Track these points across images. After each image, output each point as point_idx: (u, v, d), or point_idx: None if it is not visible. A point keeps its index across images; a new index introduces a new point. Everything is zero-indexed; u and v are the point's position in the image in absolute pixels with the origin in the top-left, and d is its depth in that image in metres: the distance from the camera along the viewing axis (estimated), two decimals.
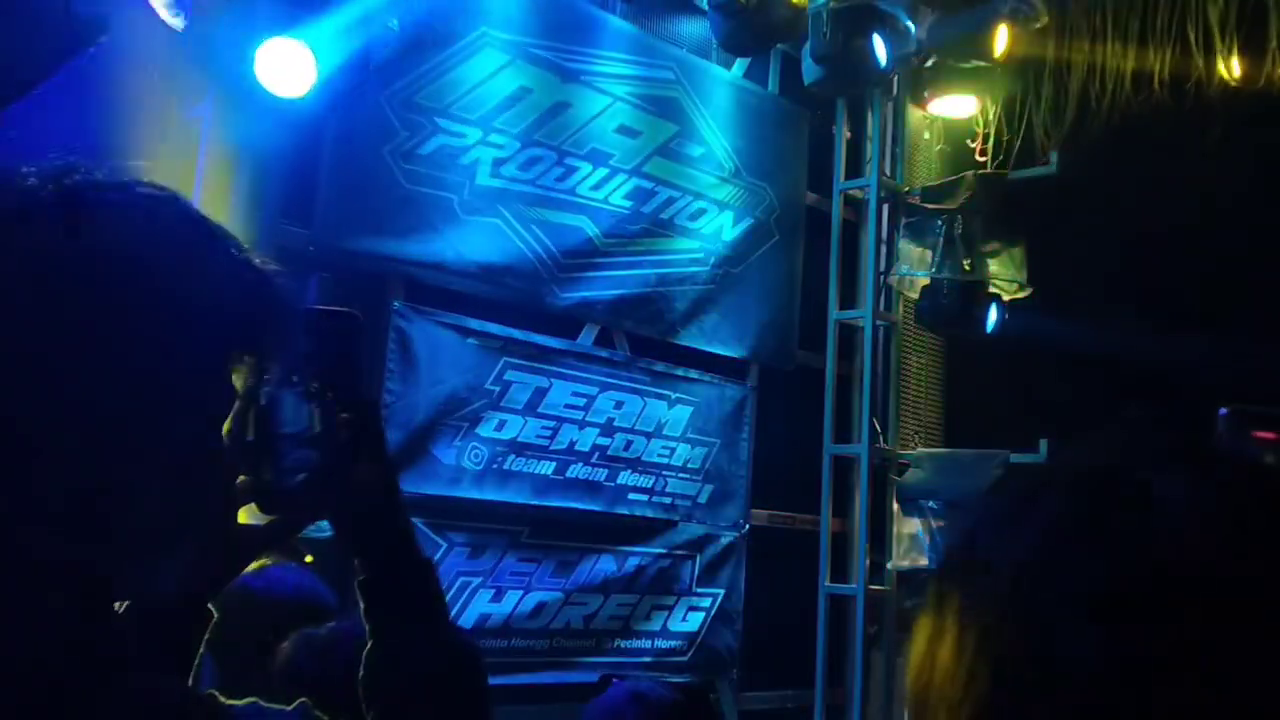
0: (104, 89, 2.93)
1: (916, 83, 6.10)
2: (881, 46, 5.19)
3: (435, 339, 4.41)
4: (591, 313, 4.96)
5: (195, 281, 0.90)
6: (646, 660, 5.03)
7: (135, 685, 0.84)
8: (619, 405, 5.00)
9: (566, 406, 4.81)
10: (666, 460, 5.17)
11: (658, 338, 5.21)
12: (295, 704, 0.94)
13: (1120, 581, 0.60)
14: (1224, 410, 3.15)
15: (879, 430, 5.97)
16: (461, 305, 4.51)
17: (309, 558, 2.52)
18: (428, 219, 4.39)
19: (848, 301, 6.03)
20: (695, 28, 5.54)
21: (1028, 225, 5.91)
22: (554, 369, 4.80)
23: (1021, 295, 5.86)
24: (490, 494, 4.52)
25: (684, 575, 5.20)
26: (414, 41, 4.27)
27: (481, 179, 4.56)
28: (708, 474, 5.33)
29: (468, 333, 4.52)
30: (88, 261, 0.85)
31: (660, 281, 5.19)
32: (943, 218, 5.79)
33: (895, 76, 5.92)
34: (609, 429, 4.95)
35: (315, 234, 4.09)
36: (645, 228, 5.14)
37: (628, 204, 5.07)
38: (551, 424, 4.76)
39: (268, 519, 1.13)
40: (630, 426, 5.04)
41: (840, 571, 5.82)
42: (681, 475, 5.22)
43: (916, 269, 5.88)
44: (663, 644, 5.12)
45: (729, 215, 5.51)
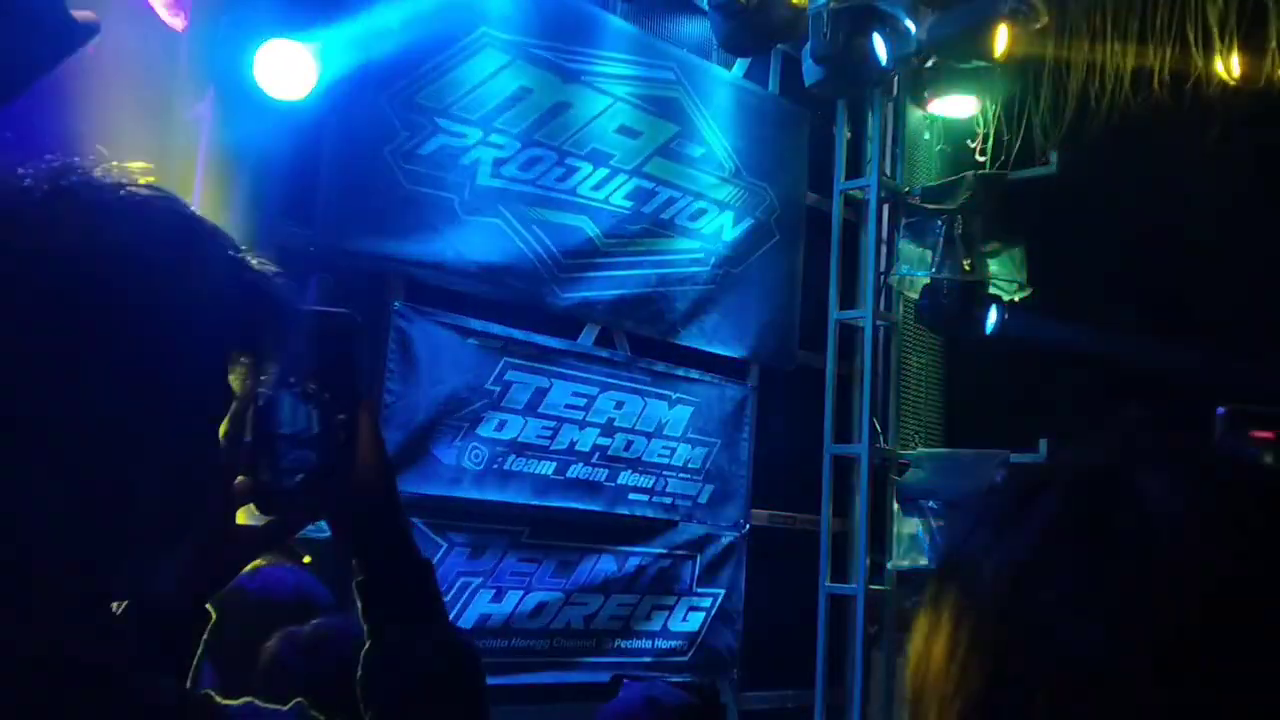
0: (104, 89, 2.92)
1: (916, 83, 6.11)
2: (881, 46, 5.18)
3: (436, 339, 4.41)
4: (592, 313, 4.96)
5: (193, 282, 0.90)
6: (647, 660, 5.03)
7: (133, 686, 0.84)
8: (619, 405, 5.00)
9: (567, 406, 4.81)
10: (667, 460, 5.17)
11: (658, 338, 5.21)
12: (291, 704, 0.94)
13: (1119, 582, 0.60)
14: (1222, 410, 3.14)
15: (879, 430, 5.97)
16: (462, 305, 4.51)
17: (307, 558, 2.52)
18: (428, 219, 4.38)
19: (848, 301, 6.03)
20: (695, 28, 5.54)
21: (1028, 225, 5.91)
22: (554, 369, 4.80)
23: (1021, 295, 5.86)
24: (491, 494, 4.52)
25: (684, 575, 5.20)
26: (414, 41, 4.26)
27: (482, 179, 4.56)
28: (708, 474, 5.33)
29: (468, 333, 4.52)
30: (84, 262, 0.85)
31: (661, 282, 5.19)
32: (943, 218, 5.79)
33: (895, 76, 5.92)
34: (609, 429, 4.95)
35: (315, 234, 4.09)
36: (646, 228, 5.14)
37: (628, 204, 5.07)
38: (552, 424, 4.76)
39: (266, 519, 1.13)
40: (631, 426, 5.03)
41: (840, 571, 5.82)
42: (682, 475, 5.22)
43: (916, 269, 5.88)
44: (663, 644, 5.12)
45: (729, 215, 5.51)
